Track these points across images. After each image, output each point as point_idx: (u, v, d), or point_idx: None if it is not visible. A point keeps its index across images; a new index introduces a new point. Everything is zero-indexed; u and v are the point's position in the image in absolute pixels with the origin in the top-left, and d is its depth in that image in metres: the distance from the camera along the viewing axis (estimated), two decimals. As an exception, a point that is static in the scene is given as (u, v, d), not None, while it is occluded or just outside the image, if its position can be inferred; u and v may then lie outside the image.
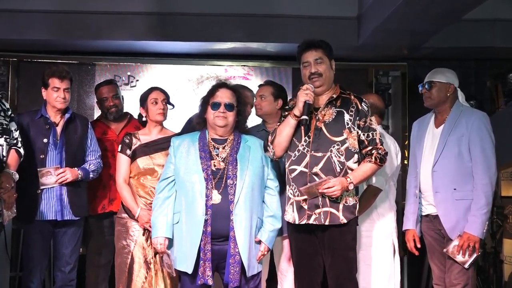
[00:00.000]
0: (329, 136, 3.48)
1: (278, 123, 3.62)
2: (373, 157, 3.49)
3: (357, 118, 3.51)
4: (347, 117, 3.51)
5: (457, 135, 3.73)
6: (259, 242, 3.54)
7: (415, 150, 3.99)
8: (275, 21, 5.77)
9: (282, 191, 3.70)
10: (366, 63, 6.34)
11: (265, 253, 3.57)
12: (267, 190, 3.63)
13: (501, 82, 5.88)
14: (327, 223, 3.43)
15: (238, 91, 3.70)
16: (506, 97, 5.76)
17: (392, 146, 4.16)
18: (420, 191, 3.88)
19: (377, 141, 3.54)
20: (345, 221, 3.43)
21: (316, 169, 3.44)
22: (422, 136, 3.94)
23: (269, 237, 3.56)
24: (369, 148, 3.51)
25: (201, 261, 3.41)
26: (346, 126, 3.49)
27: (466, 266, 3.65)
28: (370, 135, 3.53)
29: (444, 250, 3.73)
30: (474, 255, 3.64)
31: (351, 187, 3.43)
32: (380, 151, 3.51)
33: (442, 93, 3.85)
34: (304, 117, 3.42)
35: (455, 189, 3.69)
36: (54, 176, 4.05)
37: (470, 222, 3.63)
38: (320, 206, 3.44)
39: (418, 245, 3.91)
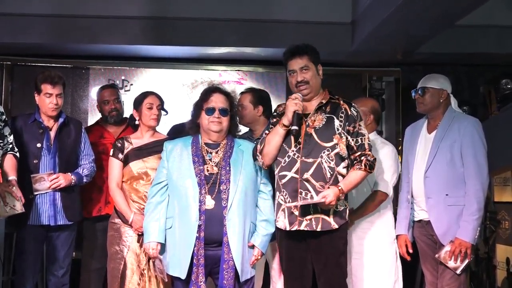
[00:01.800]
0: (319, 141, 3.45)
1: (267, 131, 3.58)
2: (362, 164, 3.44)
3: (347, 123, 3.48)
4: (337, 122, 3.47)
5: (450, 141, 3.74)
6: (253, 246, 3.54)
7: (407, 156, 3.99)
8: (270, 26, 5.78)
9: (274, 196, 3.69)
10: (360, 68, 6.36)
11: (259, 257, 3.57)
12: (260, 194, 3.63)
13: (494, 88, 5.90)
14: (319, 229, 3.41)
15: (231, 95, 3.70)
16: (499, 103, 5.78)
17: (393, 152, 4.13)
18: (412, 196, 3.89)
19: (366, 146, 3.49)
20: (336, 226, 3.42)
21: (307, 175, 3.42)
22: (415, 141, 3.95)
23: (262, 241, 3.55)
24: (358, 153, 3.47)
25: (194, 267, 3.40)
26: (336, 132, 3.46)
27: (458, 272, 3.65)
28: (359, 140, 3.49)
29: (436, 255, 3.73)
30: (466, 261, 3.64)
31: (342, 196, 3.42)
32: (369, 157, 3.47)
33: (435, 99, 3.86)
34: (294, 127, 3.41)
35: (447, 194, 3.70)
36: (47, 182, 4.04)
37: (462, 228, 3.63)
38: (312, 213, 3.43)
39: (410, 250, 3.92)
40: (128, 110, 4.84)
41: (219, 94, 3.63)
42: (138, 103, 4.10)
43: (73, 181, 4.12)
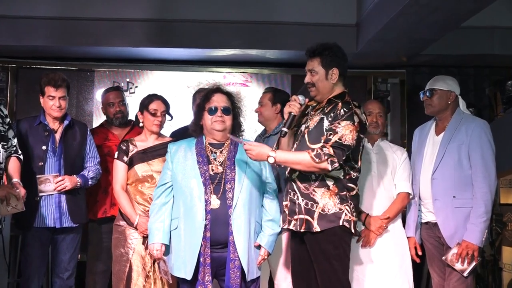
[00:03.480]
0: (308, 143, 3.42)
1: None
2: (314, 151, 3.28)
3: (332, 121, 3.36)
4: (326, 123, 3.39)
5: (457, 142, 3.73)
6: (259, 246, 3.54)
7: (415, 158, 3.99)
8: (275, 28, 5.78)
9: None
10: (365, 70, 6.36)
11: (265, 257, 3.56)
12: (266, 193, 3.64)
13: (500, 90, 5.87)
14: (302, 229, 3.39)
15: (233, 95, 3.70)
16: (504, 105, 5.75)
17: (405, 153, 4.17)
18: (420, 198, 3.88)
19: (330, 142, 3.28)
20: (318, 229, 3.34)
21: (294, 176, 3.44)
22: (423, 143, 3.94)
23: (268, 241, 3.55)
24: (320, 145, 3.32)
25: (201, 267, 3.40)
26: (324, 133, 3.37)
27: (465, 274, 3.65)
28: (329, 135, 3.32)
29: (443, 258, 3.72)
30: (473, 263, 3.63)
31: (270, 160, 3.30)
32: (325, 149, 3.27)
33: (443, 100, 3.85)
34: (284, 129, 3.41)
35: (454, 196, 3.69)
36: (53, 184, 4.04)
37: (469, 230, 3.62)
38: (297, 213, 3.42)
39: (419, 253, 3.91)
40: (133, 113, 4.85)
41: (220, 94, 3.64)
42: (143, 106, 4.09)
43: (78, 183, 4.12)
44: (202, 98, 3.66)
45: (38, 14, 5.62)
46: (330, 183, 3.37)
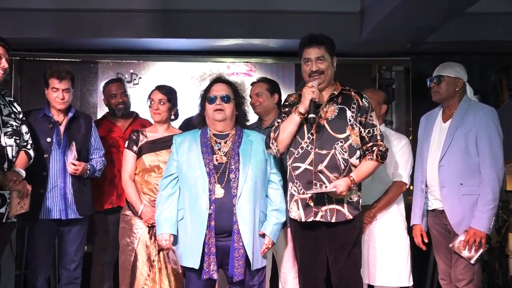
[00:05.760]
0: (332, 133, 3.47)
1: (279, 120, 3.60)
2: (374, 154, 3.48)
3: (359, 114, 3.50)
4: (349, 113, 3.49)
5: (465, 129, 3.71)
6: (263, 235, 3.54)
7: (422, 145, 3.97)
8: (278, 17, 5.76)
9: (284, 187, 3.68)
10: (369, 58, 6.32)
11: (270, 246, 3.57)
12: (271, 184, 3.64)
13: (505, 76, 5.85)
14: (333, 220, 3.44)
15: (234, 84, 3.71)
16: (510, 91, 5.73)
17: (409, 143, 4.21)
18: (426, 185, 3.87)
19: (378, 137, 3.52)
20: (351, 217, 3.45)
21: (321, 166, 3.44)
22: (430, 130, 3.93)
23: (273, 230, 3.56)
24: (370, 144, 3.50)
25: (206, 256, 3.41)
26: (349, 123, 3.48)
27: (472, 261, 3.64)
28: (371, 131, 3.51)
29: (450, 245, 3.71)
30: (480, 251, 3.62)
31: (354, 187, 3.44)
32: (381, 148, 3.50)
33: (450, 87, 3.83)
34: (312, 115, 3.40)
35: (461, 184, 3.68)
36: (70, 158, 4.03)
37: (477, 218, 3.61)
38: (326, 204, 3.44)
39: (426, 240, 3.90)
40: (136, 104, 4.86)
41: (220, 83, 3.67)
42: (147, 98, 4.13)
43: (88, 171, 4.12)
44: (204, 89, 3.70)
45: (41, 6, 5.61)
46: (353, 171, 3.48)
